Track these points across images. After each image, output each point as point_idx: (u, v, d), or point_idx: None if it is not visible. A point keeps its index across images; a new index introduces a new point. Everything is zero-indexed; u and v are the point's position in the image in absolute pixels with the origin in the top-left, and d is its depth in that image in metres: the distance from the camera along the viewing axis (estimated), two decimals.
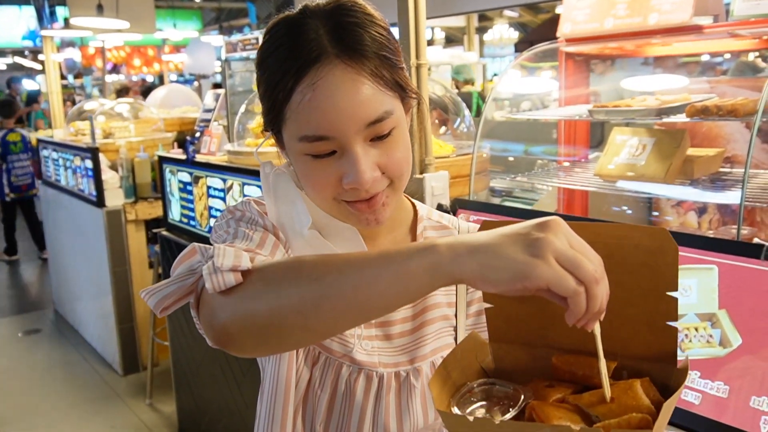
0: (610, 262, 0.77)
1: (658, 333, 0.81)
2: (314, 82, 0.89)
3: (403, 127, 0.97)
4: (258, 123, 3.26)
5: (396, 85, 0.95)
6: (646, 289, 0.79)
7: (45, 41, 6.36)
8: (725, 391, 1.52)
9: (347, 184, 0.93)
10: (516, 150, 3.84)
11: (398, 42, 1.00)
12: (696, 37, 2.10)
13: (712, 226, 2.46)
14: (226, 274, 0.83)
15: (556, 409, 0.79)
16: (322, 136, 0.91)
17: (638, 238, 0.77)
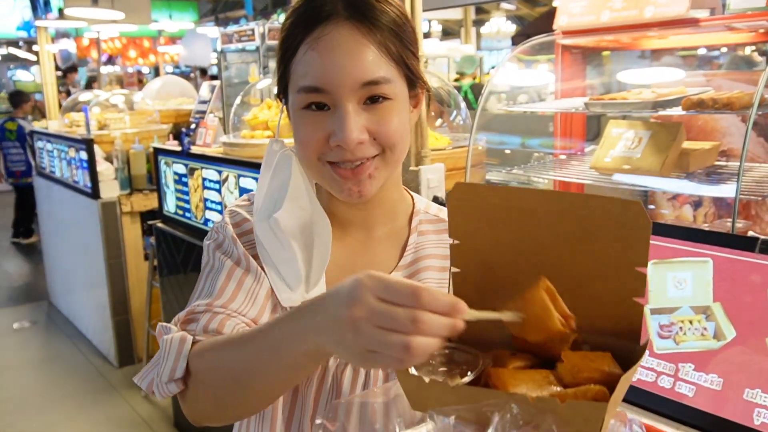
0: (583, 233, 0.78)
1: (625, 309, 0.79)
2: (319, 37, 0.93)
3: (402, 105, 0.98)
4: (254, 115, 3.25)
5: (402, 63, 0.97)
6: (615, 263, 0.78)
7: (39, 32, 6.32)
8: (719, 384, 1.53)
9: (333, 142, 0.94)
10: (512, 143, 3.83)
11: (412, 26, 1.02)
12: (692, 30, 2.10)
13: (708, 219, 2.46)
14: (169, 385, 0.94)
15: (513, 377, 0.78)
16: (317, 88, 0.93)
17: (611, 210, 0.76)
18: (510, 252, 0.85)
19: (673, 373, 1.60)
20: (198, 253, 3.41)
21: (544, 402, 0.70)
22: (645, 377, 1.64)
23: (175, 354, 0.94)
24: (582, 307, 0.81)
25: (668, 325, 1.64)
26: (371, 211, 1.09)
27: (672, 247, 1.64)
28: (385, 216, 1.10)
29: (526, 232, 0.83)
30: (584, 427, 0.70)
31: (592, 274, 0.80)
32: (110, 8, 5.90)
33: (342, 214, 1.09)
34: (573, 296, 0.81)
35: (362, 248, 1.10)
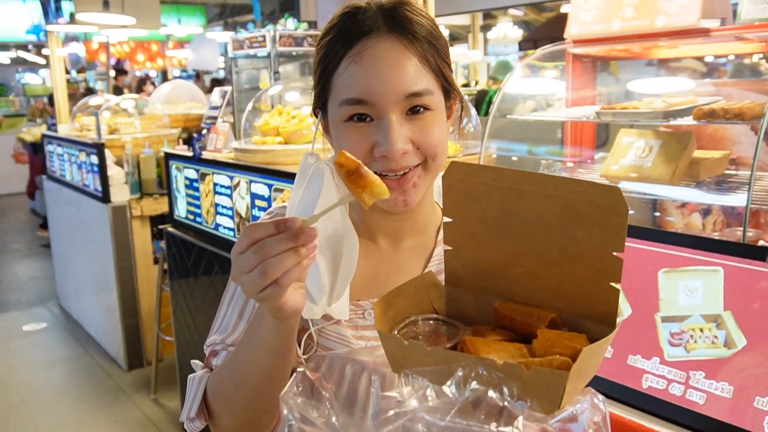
0: (566, 216, 0.81)
1: (602, 293, 0.82)
2: (362, 50, 0.96)
3: (441, 115, 1.01)
4: (265, 121, 3.27)
5: (440, 74, 1.00)
6: (595, 247, 0.80)
7: (50, 36, 6.36)
8: (730, 392, 1.54)
9: (378, 152, 0.96)
10: (519, 150, 3.84)
11: (446, 39, 1.05)
12: (703, 40, 2.12)
13: (717, 227, 2.47)
14: (194, 422, 1.09)
15: (487, 345, 0.81)
16: (361, 100, 0.96)
17: (593, 194, 0.79)
18: (495, 230, 0.89)
19: (684, 380, 1.61)
20: (208, 257, 3.43)
21: (510, 367, 0.73)
22: (656, 385, 1.65)
23: (194, 393, 1.09)
24: (563, 289, 0.85)
25: (679, 333, 1.65)
26: (403, 222, 1.10)
27: (683, 256, 1.65)
28: (414, 227, 1.11)
29: (512, 212, 0.86)
30: (546, 394, 0.72)
31: (573, 256, 0.82)
32: (121, 13, 5.94)
33: (374, 224, 1.11)
34: (554, 279, 0.84)
35: (388, 259, 1.12)
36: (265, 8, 13.04)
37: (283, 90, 3.95)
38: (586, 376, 0.77)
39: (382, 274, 1.10)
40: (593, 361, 0.76)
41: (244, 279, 0.80)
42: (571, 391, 0.74)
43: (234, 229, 3.24)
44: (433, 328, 0.91)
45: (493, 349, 0.81)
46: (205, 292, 3.55)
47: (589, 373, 0.78)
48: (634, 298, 1.74)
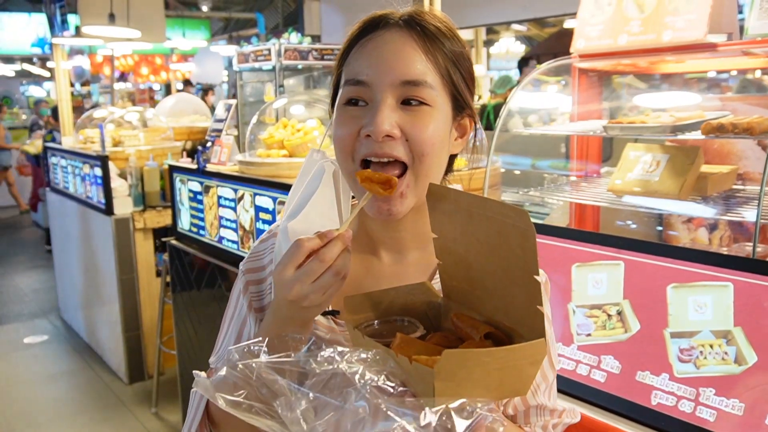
0: (501, 238, 0.83)
1: (532, 315, 0.83)
2: (374, 38, 0.98)
3: (441, 117, 0.99)
4: (270, 134, 3.27)
5: (449, 80, 1.00)
6: (522, 270, 0.82)
7: (55, 49, 6.38)
8: (740, 409, 1.52)
9: (363, 131, 0.96)
10: (522, 164, 3.84)
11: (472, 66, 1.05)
12: (710, 55, 2.11)
13: (723, 242, 2.46)
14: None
15: (408, 342, 0.87)
16: (359, 80, 0.97)
17: (513, 217, 0.81)
18: (464, 248, 0.92)
19: (693, 397, 1.60)
20: (212, 270, 3.42)
21: (400, 358, 0.81)
22: (665, 401, 1.63)
23: (195, 409, 1.09)
24: (509, 309, 0.87)
25: (688, 349, 1.63)
26: (403, 233, 1.08)
27: (692, 271, 1.64)
28: (416, 241, 1.09)
29: (469, 232, 0.89)
30: (421, 387, 0.79)
31: (511, 278, 0.85)
32: (126, 26, 5.96)
33: (375, 234, 1.10)
34: (502, 298, 0.87)
35: (392, 271, 1.10)
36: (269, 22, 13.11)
37: (288, 103, 3.96)
38: (472, 383, 0.78)
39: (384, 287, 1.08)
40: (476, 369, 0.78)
41: (312, 287, 0.88)
42: (448, 391, 0.77)
43: (237, 242, 3.23)
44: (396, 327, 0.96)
45: (411, 346, 0.86)
46: (207, 306, 3.54)
47: (479, 382, 0.78)
48: (642, 313, 1.73)
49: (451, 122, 1.02)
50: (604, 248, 1.81)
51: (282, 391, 0.80)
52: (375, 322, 0.95)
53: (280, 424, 0.80)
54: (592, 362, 1.79)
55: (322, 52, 5.24)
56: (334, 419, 0.79)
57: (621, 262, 1.77)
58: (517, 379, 0.81)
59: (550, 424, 1.09)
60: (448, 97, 1.00)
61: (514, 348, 0.79)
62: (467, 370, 0.77)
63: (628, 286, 1.76)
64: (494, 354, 0.78)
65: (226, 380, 0.83)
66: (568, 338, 1.85)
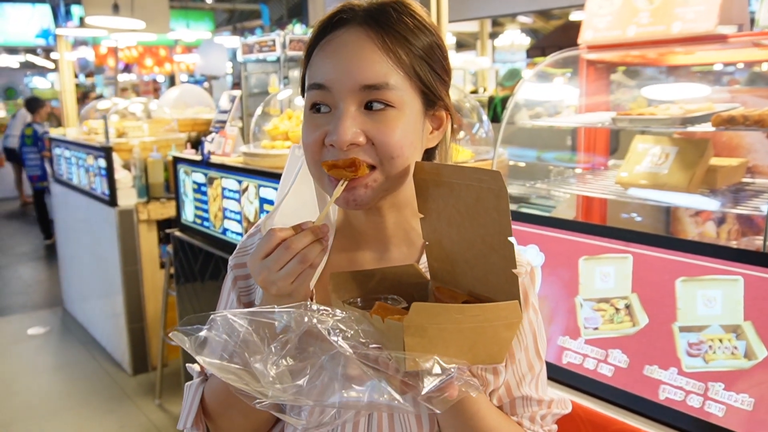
0: (479, 205, 0.84)
1: (509, 280, 0.83)
2: (332, 39, 0.96)
3: (409, 118, 0.96)
4: (274, 125, 3.26)
5: (415, 75, 0.96)
6: (497, 234, 0.83)
7: (59, 40, 6.37)
8: (750, 404, 1.51)
9: (327, 141, 0.94)
10: (528, 156, 3.82)
11: (446, 55, 1.02)
12: (720, 46, 2.09)
13: (731, 236, 2.44)
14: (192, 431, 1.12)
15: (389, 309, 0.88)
16: (320, 85, 0.95)
17: (487, 181, 0.81)
18: (447, 223, 0.92)
19: (702, 392, 1.58)
20: (216, 261, 3.41)
21: (374, 318, 0.81)
22: (673, 396, 1.62)
23: (190, 402, 1.11)
24: (488, 278, 0.87)
25: (697, 344, 1.62)
26: (384, 230, 1.07)
27: (702, 265, 1.62)
28: (399, 237, 1.08)
29: (450, 204, 0.90)
30: (392, 344, 0.79)
31: (489, 245, 0.85)
32: (130, 17, 5.94)
33: (359, 230, 1.09)
34: (482, 267, 0.87)
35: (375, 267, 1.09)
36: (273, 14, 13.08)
37: (293, 94, 3.94)
38: (444, 341, 0.78)
39: None
40: (448, 326, 0.77)
41: (277, 275, 0.88)
42: (418, 348, 0.77)
43: (242, 234, 3.22)
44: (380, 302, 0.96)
45: (390, 313, 0.86)
46: (211, 297, 3.53)
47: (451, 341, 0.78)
48: (651, 307, 1.71)
49: (423, 118, 0.99)
50: (612, 241, 1.79)
51: (257, 349, 0.83)
52: (359, 300, 0.95)
53: (256, 381, 0.82)
54: (600, 356, 1.78)
55: None
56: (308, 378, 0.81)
57: (629, 255, 1.75)
58: (492, 342, 0.80)
59: (538, 415, 1.08)
60: (416, 94, 0.97)
61: (487, 306, 0.79)
62: (438, 327, 0.77)
63: (637, 280, 1.74)
64: (466, 311, 0.78)
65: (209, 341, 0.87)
66: (576, 332, 1.84)
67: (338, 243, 1.09)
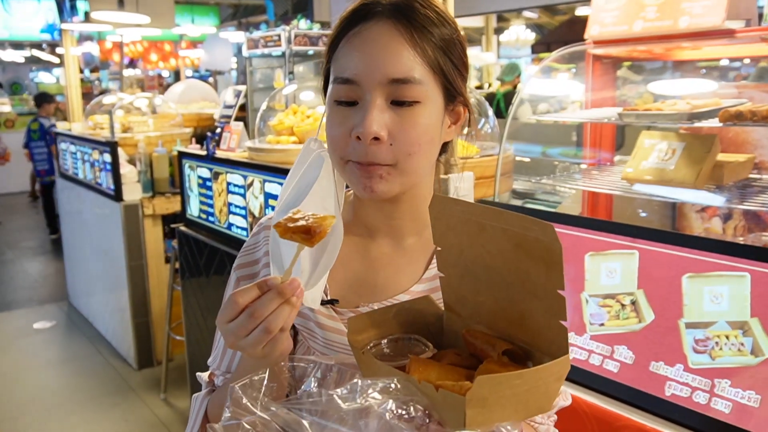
0: (519, 251, 0.81)
1: (554, 330, 0.81)
2: (359, 32, 0.96)
3: (431, 112, 0.97)
4: (279, 120, 3.25)
5: (439, 70, 0.97)
6: (544, 284, 0.80)
7: (65, 35, 6.37)
8: (757, 401, 1.50)
9: (354, 132, 0.94)
10: (533, 151, 3.81)
11: (465, 50, 1.03)
12: (727, 41, 2.08)
13: (738, 232, 2.43)
14: None
15: (423, 364, 0.84)
16: (348, 79, 0.95)
17: (536, 231, 0.78)
18: (471, 261, 0.89)
19: (708, 388, 1.58)
20: (220, 256, 3.41)
21: (424, 385, 0.77)
22: (679, 392, 1.61)
23: (195, 414, 1.11)
24: (525, 323, 0.85)
25: (704, 340, 1.61)
26: (399, 220, 1.07)
27: (708, 261, 1.62)
28: (413, 227, 1.08)
29: (479, 244, 0.87)
30: (452, 415, 0.75)
31: (530, 292, 0.82)
32: (135, 12, 5.94)
33: (371, 221, 1.09)
34: (518, 311, 0.84)
35: (389, 259, 1.09)
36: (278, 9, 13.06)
37: (298, 89, 3.94)
38: (502, 407, 0.76)
39: (381, 276, 1.08)
40: (506, 392, 0.75)
41: (244, 342, 0.84)
42: (479, 418, 0.75)
43: (247, 229, 3.22)
44: (404, 345, 0.94)
45: (426, 368, 0.83)
46: (216, 292, 3.53)
47: (507, 404, 0.76)
48: (657, 303, 1.70)
49: (443, 112, 1.00)
50: (618, 237, 1.79)
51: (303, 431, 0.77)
52: (381, 342, 0.93)
53: None
54: (605, 352, 1.77)
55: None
56: None
57: (635, 251, 1.75)
58: (542, 396, 0.79)
59: None
60: (439, 88, 0.98)
61: (544, 368, 0.77)
62: (498, 395, 0.75)
63: (643, 276, 1.73)
64: (524, 376, 0.76)
65: (233, 422, 0.80)
66: (581, 328, 1.83)
67: (348, 236, 1.08)
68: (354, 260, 1.08)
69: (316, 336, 1.06)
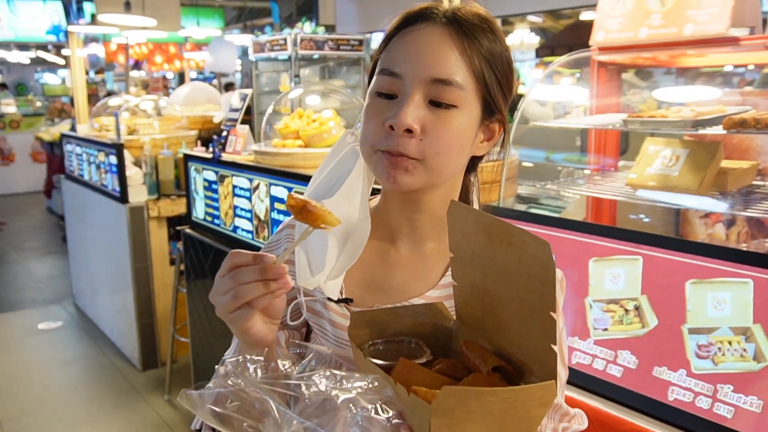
0: (521, 266, 0.79)
1: (546, 353, 0.79)
2: (413, 30, 0.99)
3: (466, 119, 0.99)
4: (285, 124, 3.27)
5: (482, 81, 0.99)
6: (540, 303, 0.78)
7: (71, 37, 6.40)
8: (759, 406, 1.52)
9: (387, 122, 0.96)
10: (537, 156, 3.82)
11: (514, 73, 1.05)
12: (732, 49, 2.09)
13: (741, 238, 2.44)
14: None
15: (411, 369, 0.84)
16: (393, 72, 0.98)
17: (534, 247, 0.77)
18: (481, 272, 0.89)
19: (711, 394, 1.59)
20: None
21: (399, 388, 0.78)
22: (682, 397, 1.63)
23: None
24: (523, 342, 0.83)
25: (707, 345, 1.63)
26: (420, 222, 1.08)
27: (712, 267, 1.63)
28: (435, 231, 1.09)
29: (488, 255, 0.86)
30: (418, 422, 0.76)
31: (530, 310, 0.80)
32: (142, 15, 5.97)
33: (394, 222, 1.10)
34: (517, 329, 0.83)
35: (407, 262, 1.10)
36: (283, 12, 13.09)
37: (304, 93, 3.95)
38: (472, 422, 0.74)
39: (398, 281, 1.08)
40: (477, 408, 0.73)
41: (219, 299, 0.87)
42: (445, 430, 0.74)
43: (252, 232, 3.24)
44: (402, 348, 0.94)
45: (414, 373, 0.83)
46: None
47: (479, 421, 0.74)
48: (660, 308, 1.72)
49: (478, 125, 1.01)
50: (622, 243, 1.80)
51: (270, 412, 0.79)
52: (380, 342, 0.94)
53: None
54: (609, 357, 1.79)
55: (338, 43, 5.23)
56: None
57: (639, 257, 1.76)
58: (522, 420, 0.76)
59: (560, 427, 1.08)
60: (478, 100, 0.99)
61: (521, 389, 0.75)
62: (467, 409, 0.73)
63: (647, 282, 1.75)
64: (498, 394, 0.73)
65: (218, 393, 0.82)
66: (585, 332, 1.85)
67: (370, 238, 1.09)
68: (372, 262, 1.09)
69: (327, 334, 1.08)
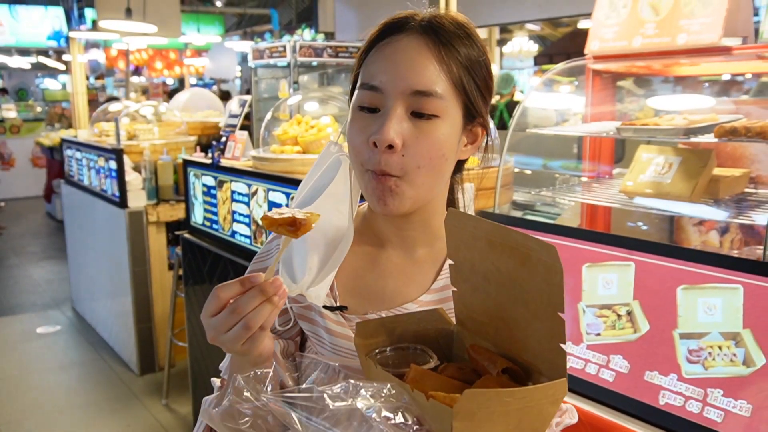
0: (524, 270, 0.81)
1: (554, 353, 0.81)
2: (390, 42, 1.00)
3: (448, 128, 0.99)
4: (284, 130, 3.30)
5: (461, 89, 1.00)
6: (546, 305, 0.80)
7: (72, 42, 6.44)
8: (748, 411, 1.53)
9: (371, 138, 0.97)
10: (533, 164, 3.85)
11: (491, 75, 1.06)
12: (724, 58, 2.12)
13: (734, 245, 2.46)
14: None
15: (423, 374, 0.85)
16: (373, 86, 0.99)
17: (540, 251, 0.78)
18: (482, 278, 0.90)
19: (701, 398, 1.61)
20: (224, 264, 3.45)
21: (416, 394, 0.78)
22: (673, 401, 1.65)
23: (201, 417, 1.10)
24: (528, 344, 0.85)
25: (697, 350, 1.65)
26: (410, 231, 1.09)
27: (703, 273, 1.65)
28: (425, 237, 1.10)
29: (490, 260, 0.87)
30: (437, 425, 0.77)
31: (534, 312, 0.82)
32: (142, 21, 6.00)
33: (383, 232, 1.11)
34: (522, 331, 0.84)
35: (399, 269, 1.11)
36: (283, 18, 13.14)
37: (302, 100, 3.98)
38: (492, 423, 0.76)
39: (389, 286, 1.09)
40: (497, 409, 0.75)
41: (224, 337, 0.86)
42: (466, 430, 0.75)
43: (250, 237, 3.26)
44: (409, 355, 0.95)
45: (426, 378, 0.84)
46: None
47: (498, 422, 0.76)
48: (652, 314, 1.74)
49: (461, 131, 1.03)
50: (615, 249, 1.82)
51: (293, 424, 0.79)
52: (387, 349, 0.95)
53: None
54: (601, 361, 1.81)
55: (337, 50, 5.27)
56: None
57: (632, 263, 1.78)
58: (536, 418, 0.79)
59: (554, 423, 1.11)
60: (459, 106, 1.00)
61: (536, 388, 0.77)
62: (487, 410, 0.75)
63: (639, 287, 1.77)
64: (516, 394, 0.76)
65: (231, 409, 0.83)
66: (578, 337, 1.87)
67: (359, 245, 1.10)
68: (364, 269, 1.10)
69: (323, 341, 1.08)
